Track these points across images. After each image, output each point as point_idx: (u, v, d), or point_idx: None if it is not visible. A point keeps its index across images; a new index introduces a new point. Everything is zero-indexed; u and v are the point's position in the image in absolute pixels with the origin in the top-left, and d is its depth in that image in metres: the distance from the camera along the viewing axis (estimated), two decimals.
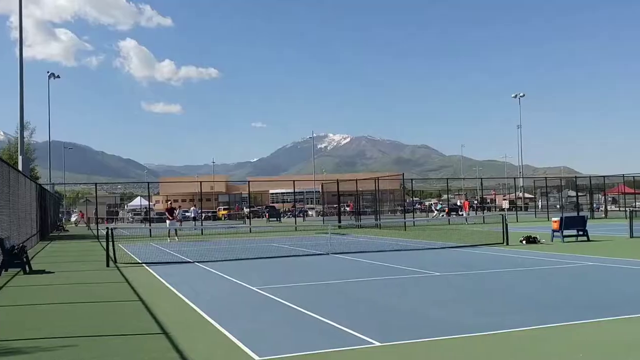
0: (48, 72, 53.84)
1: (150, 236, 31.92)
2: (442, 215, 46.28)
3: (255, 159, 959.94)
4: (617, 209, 54.03)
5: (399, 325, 7.63)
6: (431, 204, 63.74)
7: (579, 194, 50.78)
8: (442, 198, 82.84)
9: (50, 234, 38.38)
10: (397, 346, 6.47)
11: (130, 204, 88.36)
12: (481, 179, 58.42)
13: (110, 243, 17.02)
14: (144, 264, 16.75)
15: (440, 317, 8.17)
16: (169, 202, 31.07)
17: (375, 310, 8.83)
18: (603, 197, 51.34)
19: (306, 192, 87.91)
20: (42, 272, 15.14)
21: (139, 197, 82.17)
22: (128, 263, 17.17)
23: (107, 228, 18.22)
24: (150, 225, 37.63)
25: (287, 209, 75.24)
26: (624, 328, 7.18)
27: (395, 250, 19.65)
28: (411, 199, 68.49)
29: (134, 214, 65.46)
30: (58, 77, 55.58)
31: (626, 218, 25.90)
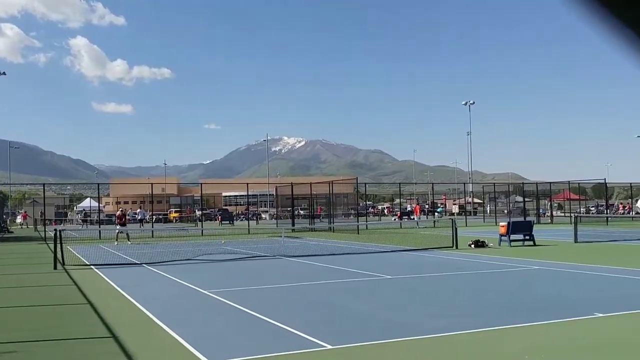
0: None
1: (100, 238, 31.21)
2: (420, 219, 46.57)
3: (208, 161, 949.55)
4: (563, 214, 55.85)
5: (350, 328, 7.70)
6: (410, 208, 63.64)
7: (526, 199, 52.27)
8: (395, 202, 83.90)
9: None
10: (348, 349, 6.53)
11: (80, 205, 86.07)
12: (432, 183, 59.55)
13: (59, 245, 16.53)
14: (92, 267, 16.36)
15: (391, 319, 8.28)
16: (120, 210, 30.88)
17: (327, 313, 8.88)
18: (549, 203, 52.97)
19: (260, 195, 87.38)
20: None
21: (88, 199, 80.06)
22: (76, 265, 16.73)
23: (55, 230, 17.71)
24: (99, 227, 36.80)
25: (240, 212, 74.72)
26: (566, 331, 7.44)
27: (348, 254, 19.79)
28: (365, 202, 69.11)
29: (84, 216, 63.78)
30: (4, 73, 53.66)
31: (571, 223, 26.85)
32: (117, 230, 28.88)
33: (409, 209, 56.64)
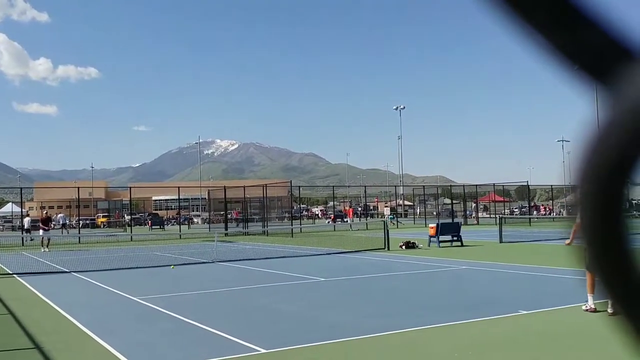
0: None
1: (23, 245, 29.79)
2: (353, 221, 46.94)
3: (137, 164, 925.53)
4: (488, 215, 57.98)
5: (285, 331, 7.71)
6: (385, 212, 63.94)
7: (454, 201, 53.93)
8: (328, 205, 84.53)
9: None
10: (283, 352, 6.54)
11: (0, 210, 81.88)
12: (365, 187, 60.33)
13: None
14: (15, 275, 15.60)
15: (325, 321, 8.35)
16: (45, 212, 29.46)
17: (261, 317, 8.85)
18: (475, 205, 54.89)
19: (192, 198, 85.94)
20: None
21: (10, 204, 76.23)
22: None
23: None
24: (23, 233, 35.06)
25: (171, 217, 73.22)
26: (493, 328, 7.74)
27: (282, 257, 19.78)
28: (299, 205, 69.26)
29: (4, 222, 60.72)
30: None
31: (496, 224, 27.90)
32: (41, 236, 27.24)
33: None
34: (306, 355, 6.45)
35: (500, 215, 32.08)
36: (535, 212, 63.59)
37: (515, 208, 69.22)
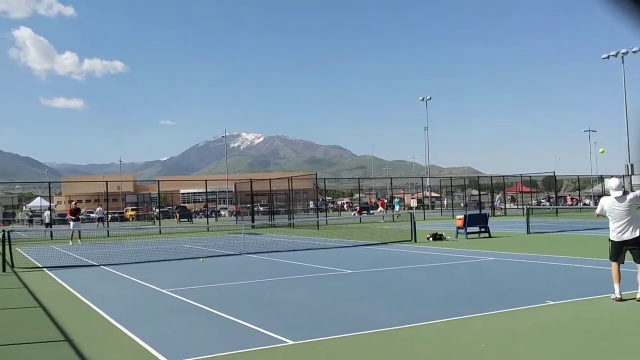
0: None
1: (52, 239, 30.36)
2: (398, 209, 46.46)
3: (165, 158, 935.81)
4: (515, 206, 57.26)
5: (312, 323, 7.71)
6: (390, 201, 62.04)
7: (481, 192, 53.37)
8: (354, 197, 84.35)
9: None
10: (311, 344, 6.54)
11: (30, 204, 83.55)
12: (391, 178, 60.10)
13: (7, 246, 16.02)
14: (44, 269, 15.90)
15: (352, 313, 8.33)
16: (73, 202, 29.36)
17: (288, 309, 8.87)
18: (502, 196, 54.22)
19: (219, 191, 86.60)
20: None
21: (39, 198, 77.73)
22: (27, 268, 16.24)
23: (3, 230, 17.15)
24: (51, 227, 35.68)
25: (199, 209, 73.92)
26: (520, 318, 7.63)
27: (308, 249, 19.81)
28: (324, 198, 69.26)
29: (32, 216, 61.96)
30: None
31: (523, 215, 27.52)
32: (71, 229, 27.22)
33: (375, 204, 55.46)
34: (333, 346, 6.43)
35: (528, 206, 31.63)
36: (562, 203, 62.57)
37: (543, 199, 68.18)
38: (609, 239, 8.72)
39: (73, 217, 26.77)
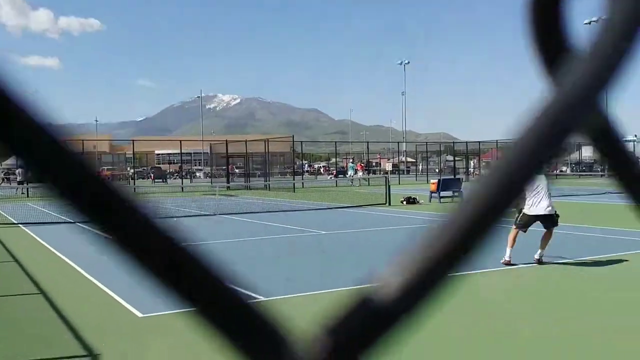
0: None
1: (28, 197, 30.02)
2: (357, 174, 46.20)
3: (140, 118, 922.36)
4: None
5: (285, 281, 7.88)
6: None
7: (456, 158, 53.96)
8: (331, 162, 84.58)
9: None
10: (283, 299, 6.71)
11: (5, 162, 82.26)
12: (367, 143, 60.25)
13: None
14: (20, 225, 15.82)
15: (325, 271, 8.52)
16: None
17: (261, 267, 9.03)
18: (477, 162, 54.89)
19: (194, 153, 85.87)
20: None
21: (14, 157, 76.37)
22: (2, 224, 16.13)
23: None
24: (27, 185, 35.21)
25: (174, 171, 73.46)
26: (492, 279, 7.89)
27: (283, 211, 19.95)
28: (301, 161, 69.34)
29: (8, 174, 60.99)
30: None
31: None
32: None
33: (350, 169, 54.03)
34: (306, 303, 6.61)
35: None
36: None
37: None
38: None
39: None
